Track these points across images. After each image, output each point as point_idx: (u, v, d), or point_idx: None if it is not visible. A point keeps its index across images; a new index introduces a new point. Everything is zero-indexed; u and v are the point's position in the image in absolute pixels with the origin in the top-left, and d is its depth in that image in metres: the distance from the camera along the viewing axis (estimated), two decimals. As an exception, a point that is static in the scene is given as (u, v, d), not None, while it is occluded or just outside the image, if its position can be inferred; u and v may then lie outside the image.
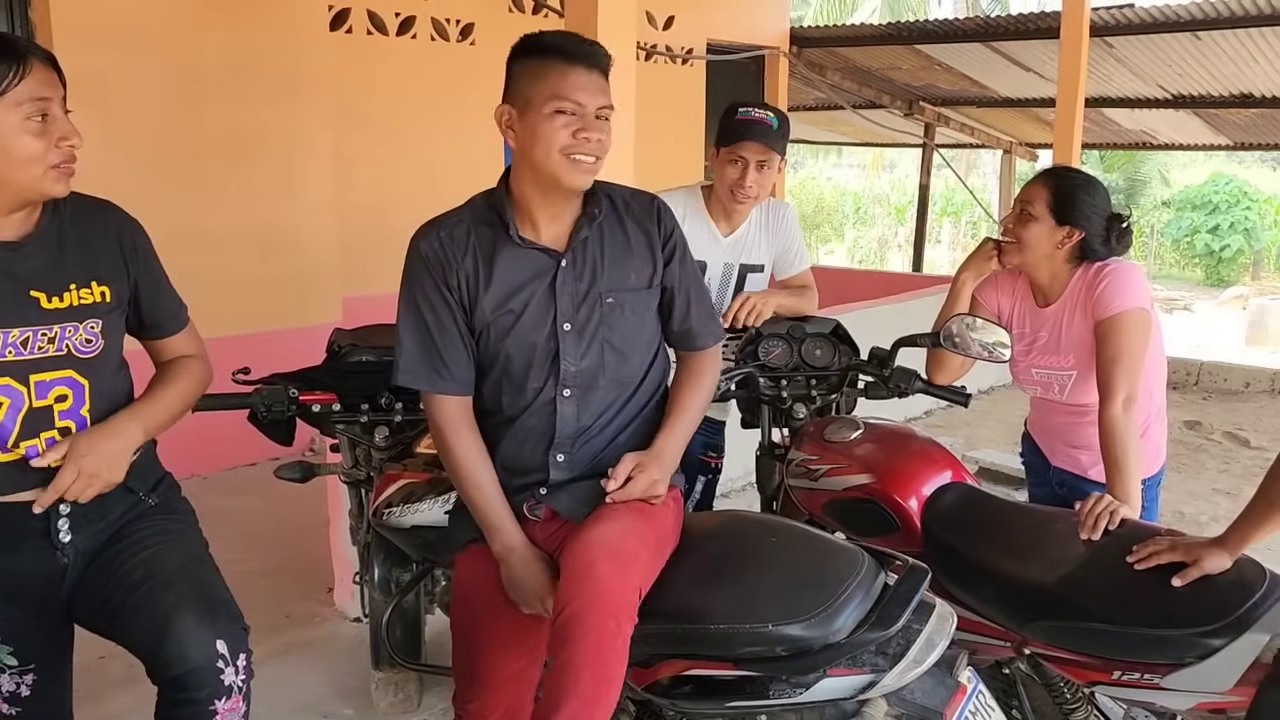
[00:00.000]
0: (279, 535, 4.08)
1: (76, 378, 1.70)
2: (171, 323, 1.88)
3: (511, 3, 6.68)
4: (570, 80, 1.73)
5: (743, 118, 2.69)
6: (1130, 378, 2.27)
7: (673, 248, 1.91)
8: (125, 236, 1.77)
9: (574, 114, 1.74)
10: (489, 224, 1.84)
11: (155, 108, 4.71)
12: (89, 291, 1.70)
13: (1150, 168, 21.22)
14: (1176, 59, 7.97)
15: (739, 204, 2.74)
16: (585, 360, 1.83)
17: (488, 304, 1.82)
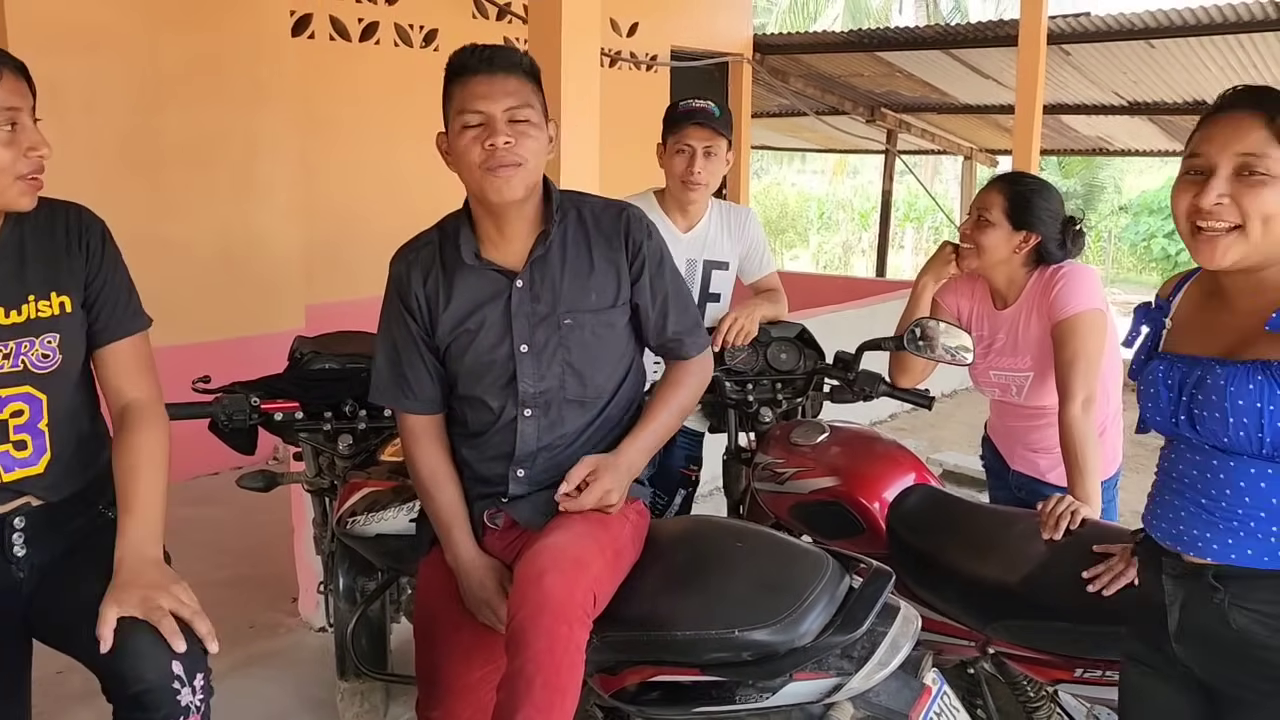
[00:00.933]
0: (243, 545, 4.03)
1: (34, 393, 1.66)
2: (117, 327, 1.75)
3: (475, 9, 6.67)
4: (469, 90, 1.72)
5: (684, 108, 2.71)
6: (1088, 378, 2.30)
7: (641, 263, 1.85)
8: (89, 239, 1.72)
9: (481, 124, 1.72)
10: (454, 244, 1.85)
11: (114, 114, 4.65)
12: (47, 304, 1.66)
13: (1107, 174, 21.56)
14: (1131, 66, 8.12)
15: (690, 193, 2.71)
16: (544, 382, 1.82)
17: (445, 324, 1.84)
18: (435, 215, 1.98)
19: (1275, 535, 1.39)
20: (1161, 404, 1.50)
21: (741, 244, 2.88)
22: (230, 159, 5.11)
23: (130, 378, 1.75)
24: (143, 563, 1.57)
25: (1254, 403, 1.36)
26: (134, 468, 1.67)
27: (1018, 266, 2.48)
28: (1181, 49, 7.56)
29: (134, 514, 1.63)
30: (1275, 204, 1.37)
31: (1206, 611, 1.44)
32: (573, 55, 3.32)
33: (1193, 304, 1.57)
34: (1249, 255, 1.40)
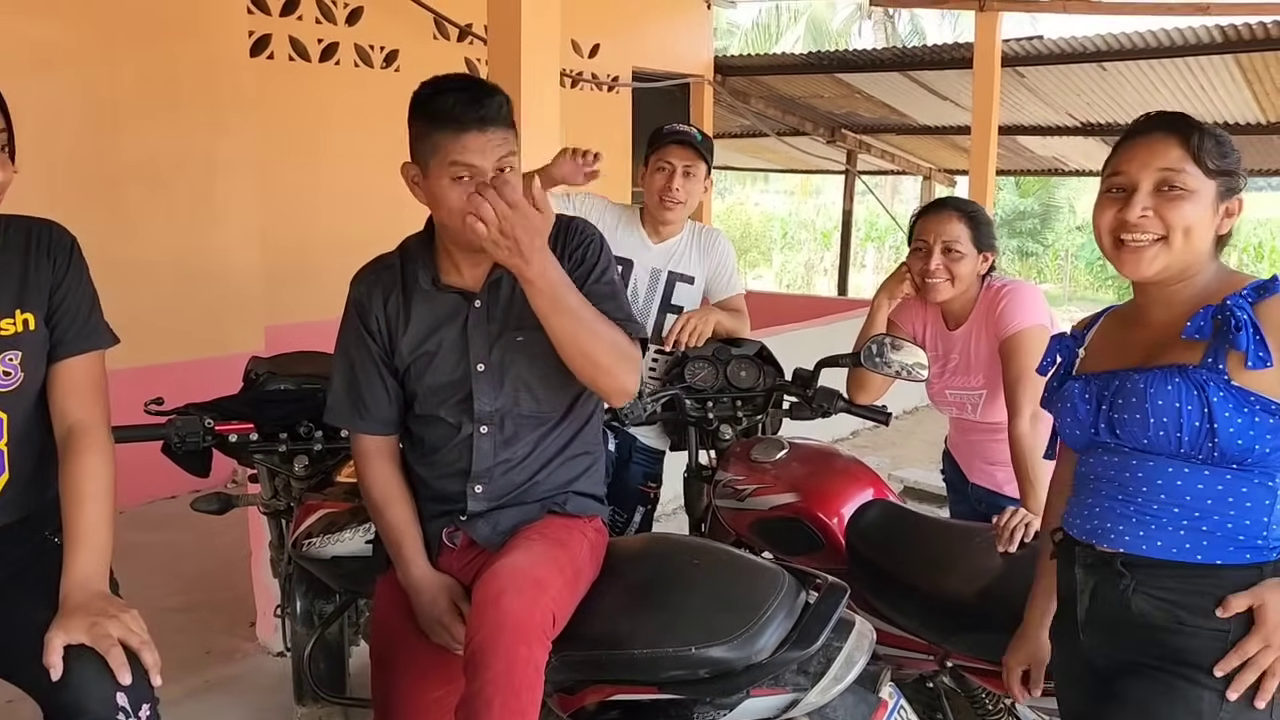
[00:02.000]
0: (199, 570, 3.97)
1: None
2: (71, 343, 1.70)
3: (436, 30, 6.67)
4: (463, 144, 1.69)
5: (668, 130, 2.80)
6: (1034, 393, 2.33)
7: (574, 265, 1.82)
8: (56, 254, 1.71)
9: (472, 177, 1.71)
10: (416, 267, 1.86)
11: (70, 133, 4.59)
12: (11, 321, 1.64)
13: (1063, 194, 21.94)
14: (1084, 88, 8.29)
15: (667, 210, 2.78)
16: (499, 400, 1.83)
17: (405, 346, 1.85)
18: (395, 236, 1.98)
19: (1184, 529, 1.48)
20: (1080, 417, 1.59)
21: (710, 261, 2.92)
22: (188, 179, 5.07)
23: (78, 397, 1.71)
24: (90, 595, 1.54)
25: (1172, 403, 1.45)
26: (79, 495, 1.63)
27: (973, 287, 2.53)
28: (1133, 71, 7.73)
29: (80, 545, 1.59)
30: (1193, 217, 1.50)
31: (1112, 596, 1.54)
32: (532, 76, 3.34)
33: (1106, 332, 1.68)
34: (1170, 265, 1.52)
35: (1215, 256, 1.57)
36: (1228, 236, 1.57)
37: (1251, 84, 7.56)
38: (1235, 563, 1.46)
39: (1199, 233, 1.51)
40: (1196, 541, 1.47)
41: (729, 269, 2.96)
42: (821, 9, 23.09)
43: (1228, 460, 1.45)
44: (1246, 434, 1.42)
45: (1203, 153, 1.51)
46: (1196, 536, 1.47)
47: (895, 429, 6.58)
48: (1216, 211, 1.53)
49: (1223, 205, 1.53)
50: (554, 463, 1.88)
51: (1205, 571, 1.47)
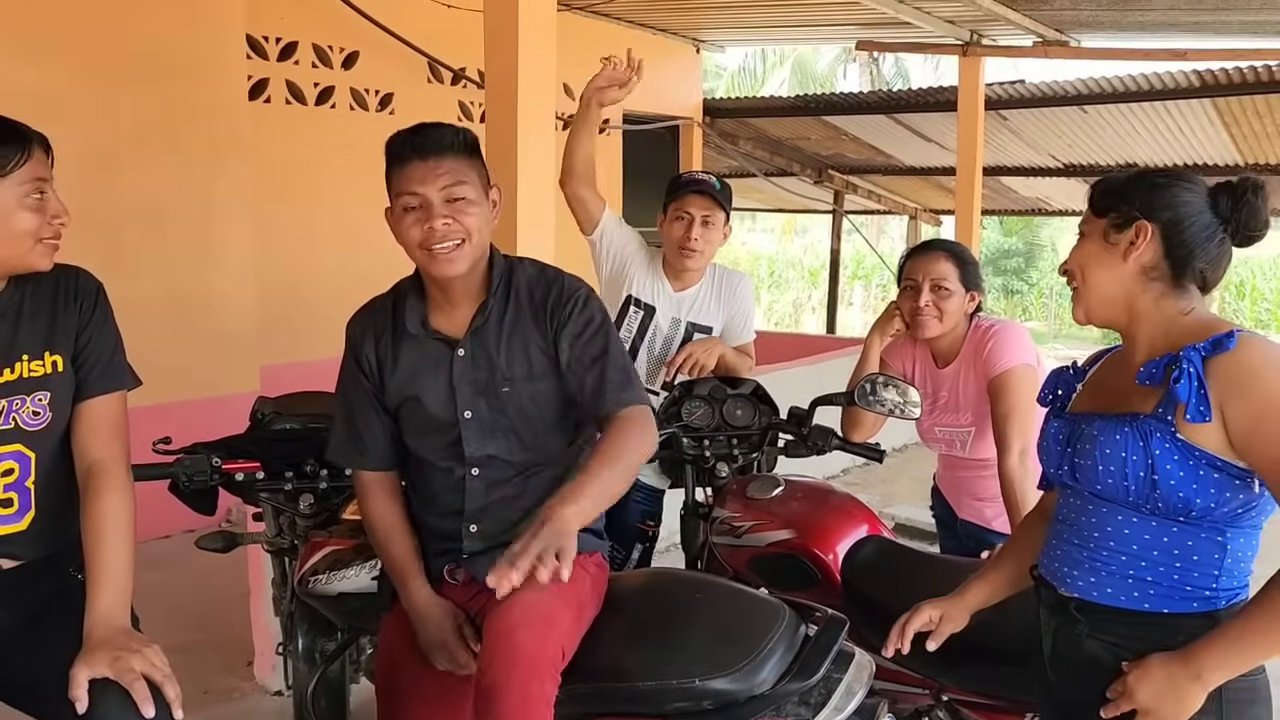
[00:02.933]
0: (197, 609, 3.97)
1: (24, 451, 1.69)
2: (94, 383, 1.76)
3: (430, 74, 6.78)
4: (406, 175, 1.78)
5: (686, 178, 2.88)
6: (1023, 431, 2.40)
7: (560, 324, 1.84)
8: (83, 299, 1.78)
9: (420, 206, 1.77)
10: (405, 309, 1.91)
11: (70, 176, 4.58)
12: (40, 363, 1.70)
13: (1046, 233, 22.19)
14: (1066, 131, 8.45)
15: (686, 259, 2.83)
16: (488, 446, 1.87)
17: (393, 389, 1.91)
18: (389, 277, 2.03)
19: (1132, 578, 1.51)
20: (1052, 458, 1.64)
21: (729, 306, 2.96)
22: (185, 220, 5.12)
23: (98, 436, 1.75)
24: (112, 631, 1.57)
25: (1119, 451, 1.48)
26: (100, 533, 1.67)
27: (961, 326, 2.60)
28: (1113, 114, 7.90)
29: (102, 582, 1.63)
30: (1087, 259, 1.61)
31: (1069, 638, 1.59)
32: (529, 119, 3.42)
33: (1101, 372, 1.71)
34: (1089, 309, 1.62)
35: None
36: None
37: (1229, 126, 7.74)
38: (1183, 611, 1.49)
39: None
40: (1144, 590, 1.50)
41: (745, 316, 2.99)
42: (807, 53, 23.44)
43: (1173, 512, 1.47)
44: (1189, 487, 1.43)
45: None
46: (1144, 586, 1.50)
47: (885, 466, 6.59)
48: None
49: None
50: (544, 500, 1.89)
51: (1154, 619, 1.50)
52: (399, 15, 6.17)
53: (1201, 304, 1.58)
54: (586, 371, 1.84)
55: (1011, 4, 6.57)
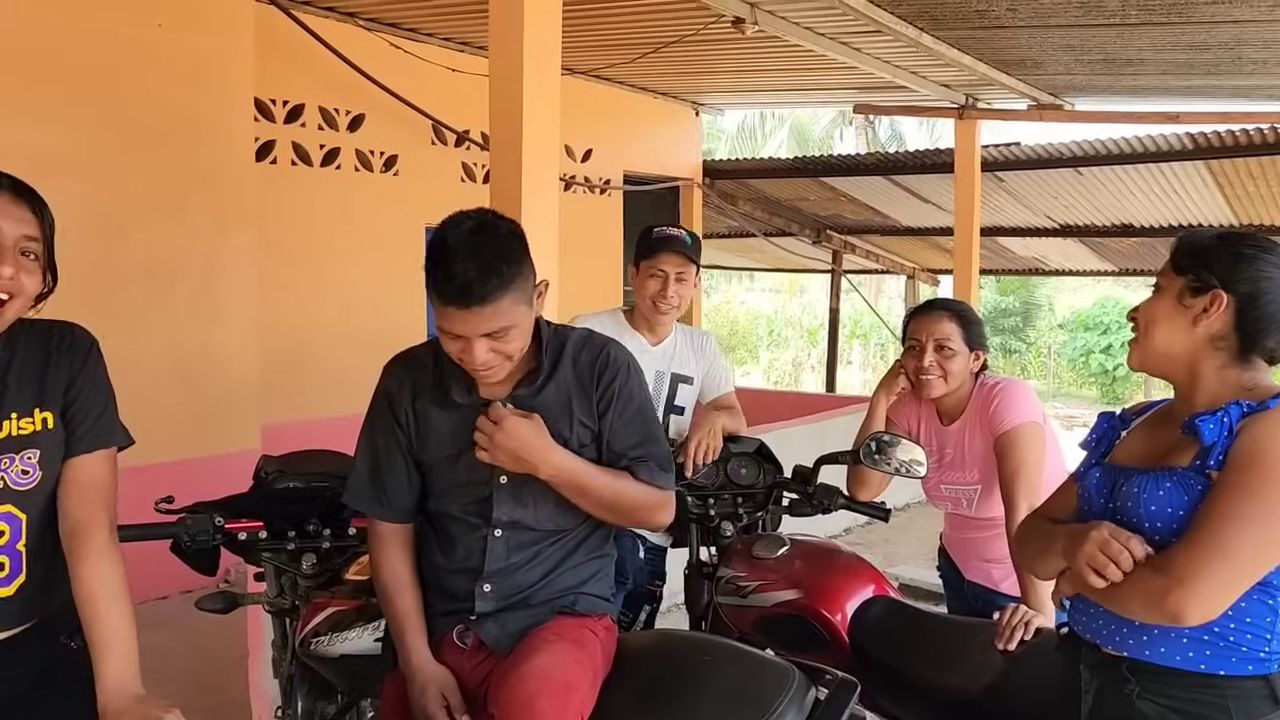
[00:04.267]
0: (193, 672, 3.90)
1: (14, 511, 1.64)
2: (79, 441, 1.69)
3: (434, 135, 6.88)
4: (446, 314, 1.74)
5: (659, 235, 2.90)
6: (1030, 489, 2.39)
7: (608, 402, 1.87)
8: (74, 355, 1.72)
9: (461, 336, 1.75)
10: (447, 374, 1.88)
11: (77, 236, 4.61)
12: (30, 421, 1.65)
13: (1043, 292, 22.35)
14: (1062, 192, 8.56)
15: (661, 314, 2.88)
16: (517, 512, 1.86)
17: (430, 448, 1.89)
18: (391, 337, 2.04)
19: (1187, 637, 1.49)
20: (1094, 510, 1.62)
21: (704, 361, 3.02)
22: (190, 280, 5.15)
23: (79, 496, 1.68)
24: (128, 701, 1.51)
25: (1164, 508, 1.48)
26: (92, 599, 1.60)
27: (966, 384, 2.60)
28: (1108, 176, 8.00)
29: (105, 650, 1.56)
30: (1157, 314, 1.61)
31: (1116, 699, 1.55)
32: (533, 180, 3.46)
33: (1148, 423, 1.70)
34: (1146, 360, 1.64)
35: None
36: None
37: (1223, 188, 7.84)
38: (1238, 674, 1.47)
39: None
40: (1200, 651, 1.48)
41: (721, 369, 3.06)
42: (804, 115, 23.83)
43: None
44: None
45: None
46: (1200, 646, 1.48)
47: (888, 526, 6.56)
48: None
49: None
50: (563, 566, 1.89)
51: (1211, 681, 1.48)
52: (404, 79, 6.27)
53: (1266, 376, 1.56)
54: (622, 457, 1.89)
55: (1006, 69, 6.70)
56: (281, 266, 5.81)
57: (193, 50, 5.06)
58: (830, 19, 5.69)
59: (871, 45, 6.27)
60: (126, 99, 4.82)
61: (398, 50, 6.41)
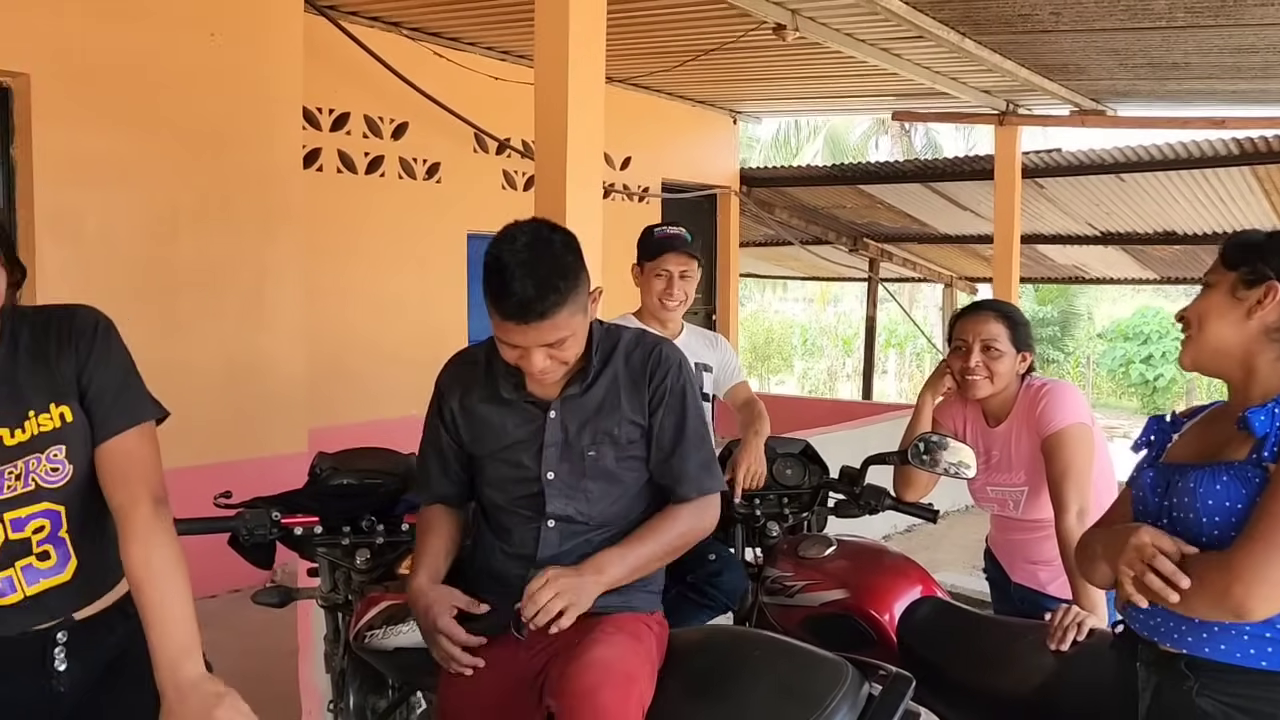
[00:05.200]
0: (241, 669, 3.91)
1: (51, 507, 1.64)
2: (100, 427, 1.65)
3: (476, 143, 6.96)
4: (504, 327, 1.78)
5: (660, 235, 3.01)
6: (1080, 490, 2.38)
7: (660, 400, 1.91)
8: (78, 341, 1.67)
9: (519, 351, 1.80)
10: (499, 371, 1.92)
11: (130, 241, 4.79)
12: (48, 417, 1.63)
13: (1082, 301, 22.09)
14: (1103, 199, 8.47)
15: (668, 311, 3.00)
16: (568, 507, 1.90)
17: (481, 442, 1.96)
18: (431, 341, 2.09)
19: (1248, 634, 1.48)
20: (1149, 509, 1.61)
21: (716, 353, 3.13)
22: (239, 285, 5.24)
23: (115, 480, 1.65)
24: (184, 686, 1.49)
25: (1222, 502, 1.47)
26: (139, 585, 1.58)
27: (1013, 386, 2.59)
28: (1151, 182, 7.92)
29: (156, 633, 1.54)
30: (1209, 310, 1.62)
31: (1175, 696, 1.54)
32: (577, 186, 3.51)
33: (1201, 423, 1.70)
34: (1198, 358, 1.65)
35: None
36: None
37: (1269, 194, 7.73)
38: None
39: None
40: (1261, 648, 1.47)
41: (734, 360, 3.19)
42: (840, 124, 23.75)
43: None
44: None
45: None
46: (1261, 643, 1.47)
47: (929, 532, 6.55)
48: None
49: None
50: None
51: (1273, 678, 1.46)
52: (447, 87, 6.35)
53: None
54: (669, 456, 1.93)
55: (1048, 74, 6.66)
56: (326, 272, 5.90)
57: (245, 61, 5.17)
58: (871, 25, 5.69)
59: (912, 51, 6.26)
60: (180, 108, 4.93)
61: (441, 59, 6.50)
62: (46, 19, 4.45)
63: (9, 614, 1.63)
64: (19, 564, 1.63)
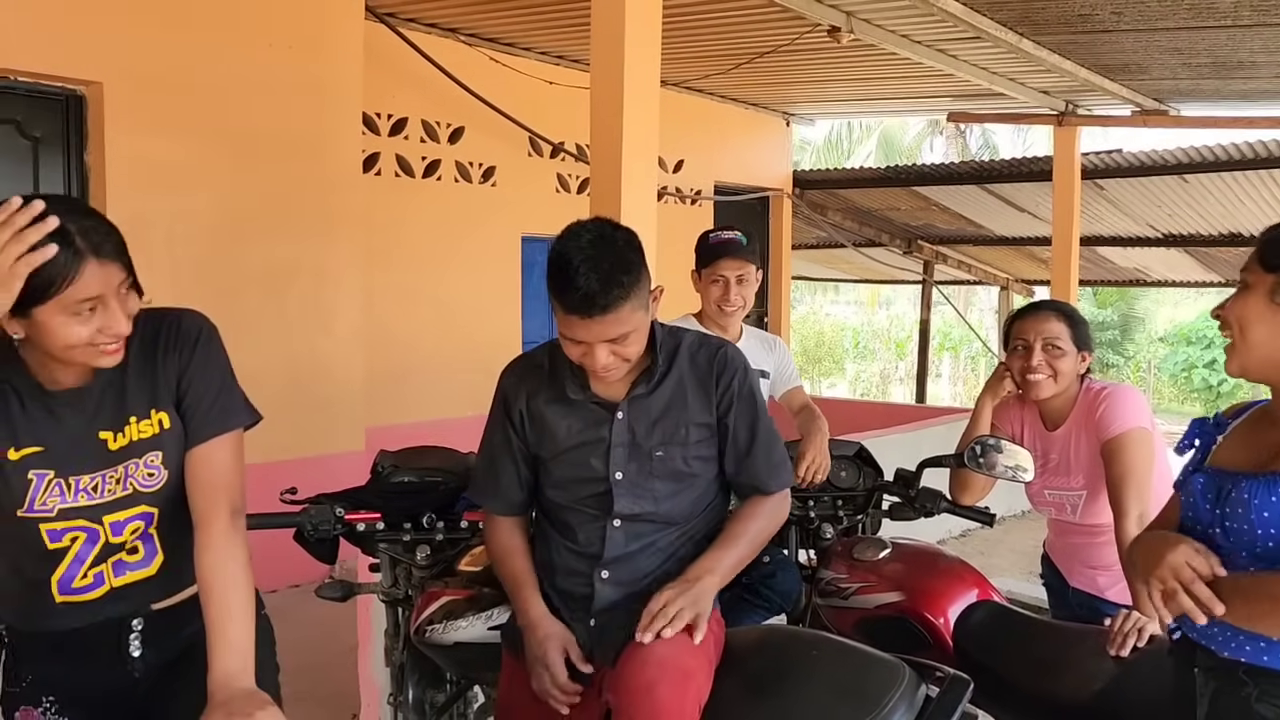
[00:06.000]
0: (302, 663, 4.02)
1: (147, 509, 1.71)
2: (196, 431, 1.69)
3: (531, 148, 7.02)
4: (568, 321, 1.80)
5: (715, 240, 3.02)
6: (1140, 495, 2.34)
7: (730, 399, 1.94)
8: (181, 347, 1.71)
9: (582, 341, 1.81)
10: (563, 373, 1.95)
11: (195, 244, 4.92)
12: (149, 423, 1.68)
13: (1143, 305, 21.63)
14: (1166, 200, 8.31)
15: (727, 315, 3.00)
16: (636, 506, 1.92)
17: (546, 445, 1.97)
18: (486, 343, 2.12)
19: None
20: (1200, 515, 1.59)
21: (773, 357, 3.14)
22: (299, 287, 5.36)
23: (197, 489, 1.69)
24: (232, 692, 1.52)
25: (1278, 513, 1.44)
26: (207, 592, 1.63)
27: (1072, 386, 2.57)
28: (1215, 183, 7.75)
29: (216, 641, 1.58)
30: (1248, 314, 1.57)
31: (1233, 703, 1.52)
32: (631, 189, 3.54)
33: (1247, 425, 1.66)
34: (1246, 366, 1.59)
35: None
36: None
37: (1339, 196, 7.53)
38: None
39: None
40: None
41: (790, 364, 3.20)
42: (893, 125, 23.53)
43: None
44: None
45: None
46: None
47: (984, 537, 6.47)
48: None
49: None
50: (677, 556, 1.94)
51: None
52: (503, 92, 6.43)
53: None
54: (746, 455, 1.96)
55: (1108, 74, 6.55)
56: (385, 274, 6.00)
57: (307, 68, 5.29)
58: (927, 26, 5.65)
59: (969, 52, 6.20)
60: (244, 114, 5.06)
61: (497, 64, 6.58)
62: (118, 30, 4.59)
63: (92, 606, 1.70)
64: (111, 560, 1.70)
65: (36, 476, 1.62)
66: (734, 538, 1.93)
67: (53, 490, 1.63)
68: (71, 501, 1.64)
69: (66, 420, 1.64)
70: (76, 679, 1.73)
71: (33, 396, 1.63)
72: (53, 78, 4.53)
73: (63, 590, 1.68)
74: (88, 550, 1.67)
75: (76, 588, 1.69)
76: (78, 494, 1.64)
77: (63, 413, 1.64)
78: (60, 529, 1.65)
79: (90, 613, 1.71)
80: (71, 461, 1.64)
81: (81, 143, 4.64)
